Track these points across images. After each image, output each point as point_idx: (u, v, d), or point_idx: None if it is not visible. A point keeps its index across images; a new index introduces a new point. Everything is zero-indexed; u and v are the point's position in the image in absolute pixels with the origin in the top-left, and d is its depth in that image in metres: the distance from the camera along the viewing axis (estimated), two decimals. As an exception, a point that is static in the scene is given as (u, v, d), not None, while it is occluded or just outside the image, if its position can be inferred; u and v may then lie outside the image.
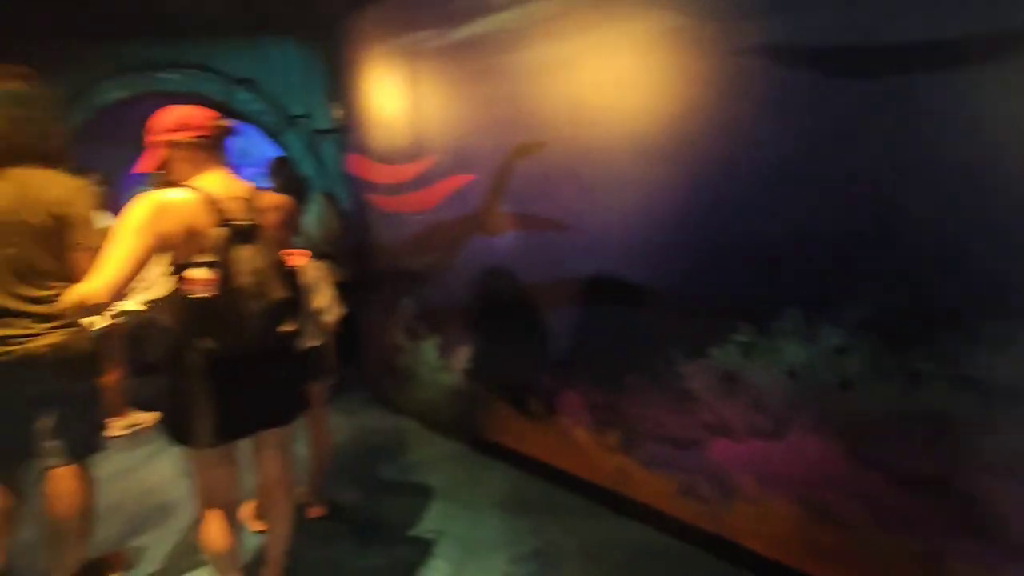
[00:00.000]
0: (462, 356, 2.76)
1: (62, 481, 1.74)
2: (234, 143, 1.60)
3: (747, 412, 1.78)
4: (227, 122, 1.54)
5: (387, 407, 3.34)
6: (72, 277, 1.63)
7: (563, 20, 2.05)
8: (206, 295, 1.39)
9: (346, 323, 2.15)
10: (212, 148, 1.51)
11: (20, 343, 1.61)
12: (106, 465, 1.88)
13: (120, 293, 1.31)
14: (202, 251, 1.40)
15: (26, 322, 1.62)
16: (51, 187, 1.61)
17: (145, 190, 1.44)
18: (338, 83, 3.76)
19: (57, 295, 1.64)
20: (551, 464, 2.42)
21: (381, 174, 3.01)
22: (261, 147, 4.73)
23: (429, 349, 2.93)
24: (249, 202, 1.52)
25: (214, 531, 1.61)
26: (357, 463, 2.72)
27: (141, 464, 2.78)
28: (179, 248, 1.40)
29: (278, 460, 1.72)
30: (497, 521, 2.22)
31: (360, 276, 3.26)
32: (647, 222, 1.93)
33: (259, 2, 3.99)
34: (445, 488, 2.46)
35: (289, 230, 1.69)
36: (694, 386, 1.89)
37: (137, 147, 5.08)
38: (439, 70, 2.58)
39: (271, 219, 1.61)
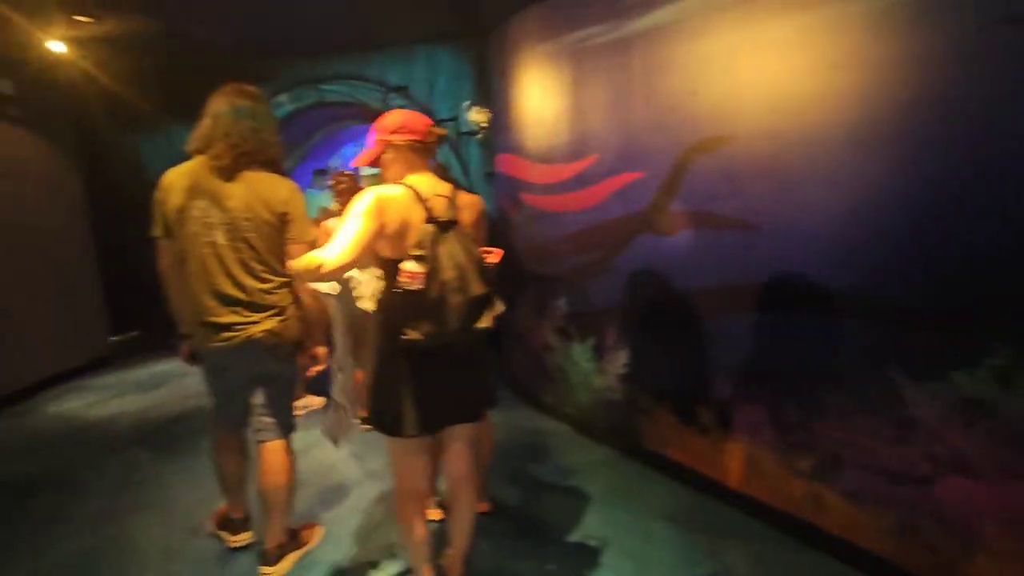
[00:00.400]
0: (619, 360, 2.67)
1: (273, 454, 1.93)
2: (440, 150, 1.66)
3: (998, 449, 1.49)
4: (440, 131, 1.61)
5: (533, 406, 3.35)
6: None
7: (766, 2, 1.88)
8: (415, 287, 1.44)
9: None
10: (423, 152, 1.60)
11: (243, 329, 1.80)
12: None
13: (345, 269, 1.39)
14: (412, 245, 1.47)
15: (248, 311, 1.80)
16: (275, 188, 1.79)
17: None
18: (487, 86, 3.85)
19: (274, 287, 1.82)
20: (723, 482, 2.25)
21: (537, 173, 3.01)
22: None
23: (582, 351, 2.88)
24: (451, 200, 1.58)
25: (409, 518, 1.68)
26: (511, 462, 2.74)
27: (316, 444, 3.03)
28: (392, 241, 1.49)
29: (466, 455, 1.76)
30: (667, 537, 2.10)
31: (505, 275, 3.30)
32: (865, 222, 1.70)
33: (414, 14, 4.21)
34: (605, 496, 2.39)
35: (482, 228, 1.72)
36: (921, 412, 1.63)
37: (303, 153, 5.58)
38: (606, 66, 2.51)
39: (468, 217, 1.64)
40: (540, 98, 2.96)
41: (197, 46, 4.54)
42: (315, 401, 3.52)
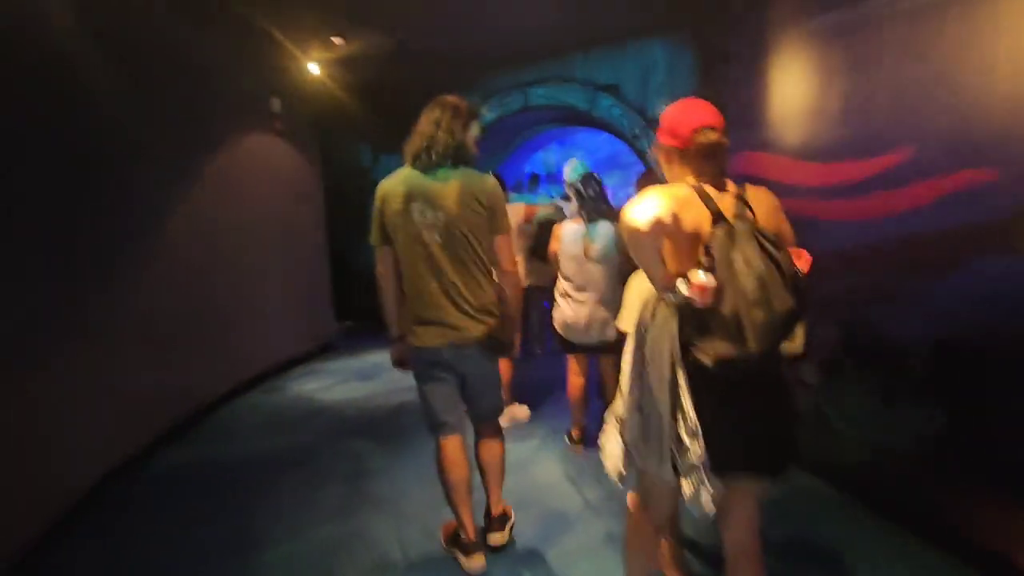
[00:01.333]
0: (923, 413, 2.05)
1: (488, 430, 2.11)
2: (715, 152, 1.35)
3: None
4: (708, 138, 1.31)
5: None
6: (494, 261, 1.93)
7: None
8: (706, 302, 1.19)
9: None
10: (684, 160, 1.36)
11: (457, 327, 1.88)
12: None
13: (653, 228, 1.17)
14: (700, 252, 1.24)
15: (461, 307, 1.88)
16: (482, 182, 1.89)
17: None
18: (720, 77, 3.39)
19: (483, 283, 1.91)
20: None
21: (803, 174, 2.49)
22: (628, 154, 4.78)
23: (859, 394, 2.30)
24: (741, 198, 1.31)
25: (637, 564, 1.55)
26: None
27: (529, 460, 2.90)
28: (679, 246, 1.29)
29: (751, 520, 1.42)
30: None
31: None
32: None
33: (624, 8, 3.93)
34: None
35: (784, 226, 1.38)
36: None
37: (504, 157, 5.60)
38: (932, 30, 1.92)
39: (762, 214, 1.32)
40: (813, 83, 2.44)
41: (417, 60, 4.82)
42: (521, 412, 3.41)
